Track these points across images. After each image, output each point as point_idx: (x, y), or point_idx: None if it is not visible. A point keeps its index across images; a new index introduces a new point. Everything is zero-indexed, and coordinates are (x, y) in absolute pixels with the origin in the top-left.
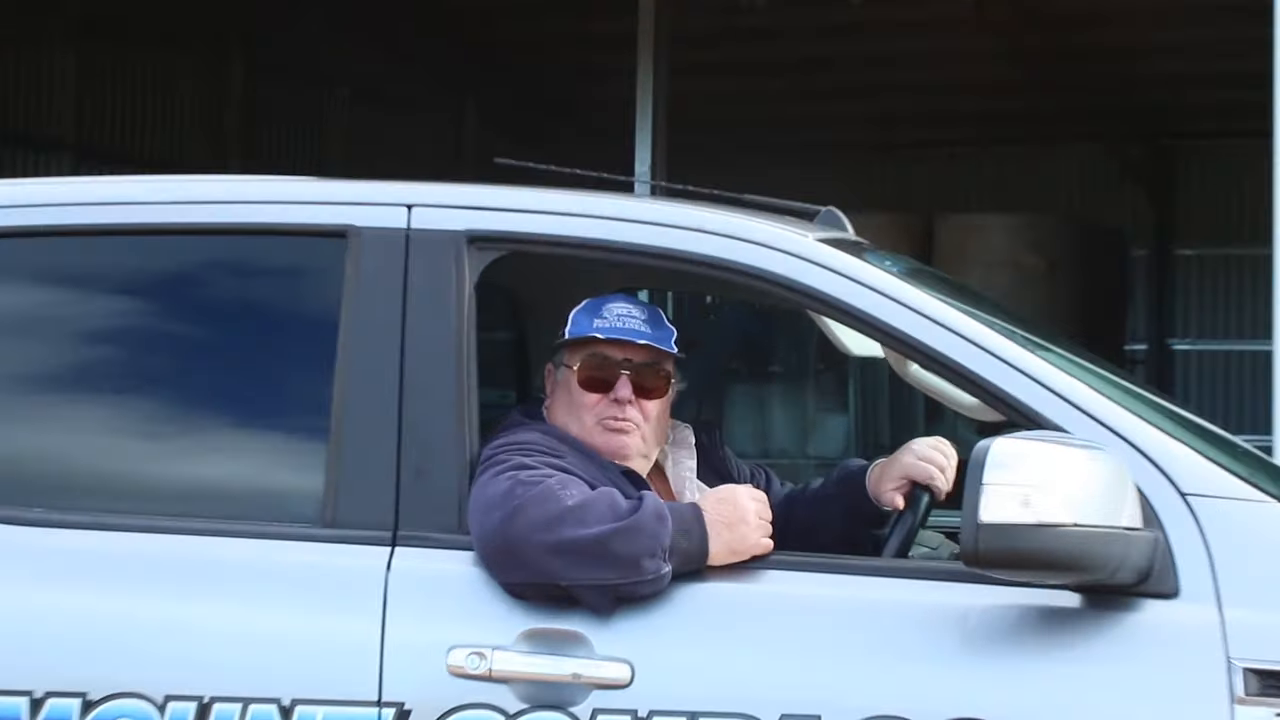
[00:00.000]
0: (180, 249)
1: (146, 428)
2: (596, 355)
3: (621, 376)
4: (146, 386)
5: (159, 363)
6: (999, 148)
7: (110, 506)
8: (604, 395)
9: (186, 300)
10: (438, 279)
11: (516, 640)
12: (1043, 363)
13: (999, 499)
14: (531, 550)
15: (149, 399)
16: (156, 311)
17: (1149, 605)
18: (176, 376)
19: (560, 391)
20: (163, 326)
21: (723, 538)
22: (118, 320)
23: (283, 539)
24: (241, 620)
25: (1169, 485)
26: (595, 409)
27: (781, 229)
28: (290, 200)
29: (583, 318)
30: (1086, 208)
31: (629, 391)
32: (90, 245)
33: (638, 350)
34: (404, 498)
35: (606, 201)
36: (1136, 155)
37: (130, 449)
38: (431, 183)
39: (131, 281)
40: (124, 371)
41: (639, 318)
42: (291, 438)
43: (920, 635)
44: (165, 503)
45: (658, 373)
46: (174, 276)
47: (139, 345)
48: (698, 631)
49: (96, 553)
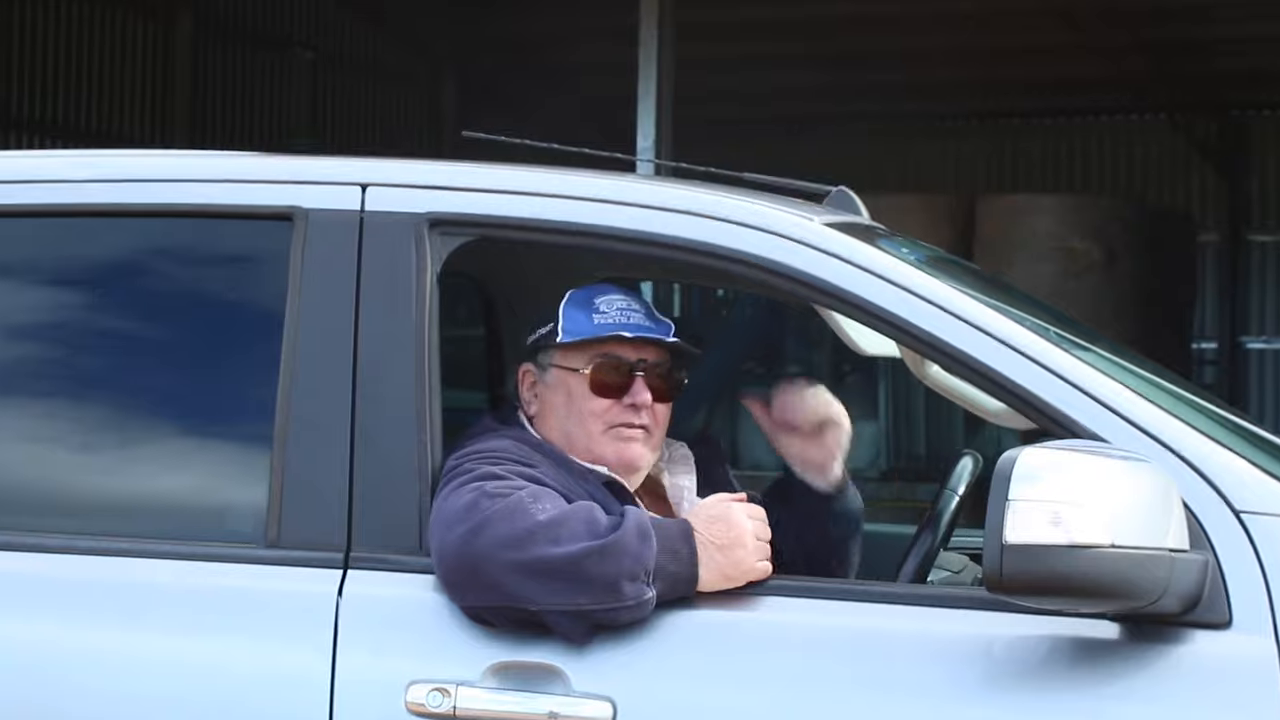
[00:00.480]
0: (105, 233)
1: (67, 435)
2: (609, 356)
3: (637, 379)
4: (68, 389)
5: (83, 362)
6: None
7: (25, 524)
8: (616, 400)
9: (109, 291)
10: (395, 267)
11: (484, 675)
12: (1078, 363)
13: (1026, 517)
14: (497, 570)
15: (70, 403)
16: (76, 304)
17: (1197, 637)
18: (102, 378)
19: (554, 396)
20: (85, 321)
21: (715, 561)
22: (35, 314)
23: (220, 561)
24: (173, 652)
25: (1220, 501)
26: (606, 415)
27: (783, 212)
28: (229, 179)
29: (578, 314)
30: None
31: (648, 395)
32: (3, 228)
33: (652, 349)
34: (357, 514)
35: (584, 181)
36: (1205, 129)
37: (48, 459)
38: (388, 159)
39: (48, 270)
40: (43, 372)
41: (641, 311)
42: (231, 446)
43: (938, 670)
44: (89, 520)
45: (671, 373)
46: (97, 265)
47: (59, 342)
48: (687, 666)
49: (9, 576)
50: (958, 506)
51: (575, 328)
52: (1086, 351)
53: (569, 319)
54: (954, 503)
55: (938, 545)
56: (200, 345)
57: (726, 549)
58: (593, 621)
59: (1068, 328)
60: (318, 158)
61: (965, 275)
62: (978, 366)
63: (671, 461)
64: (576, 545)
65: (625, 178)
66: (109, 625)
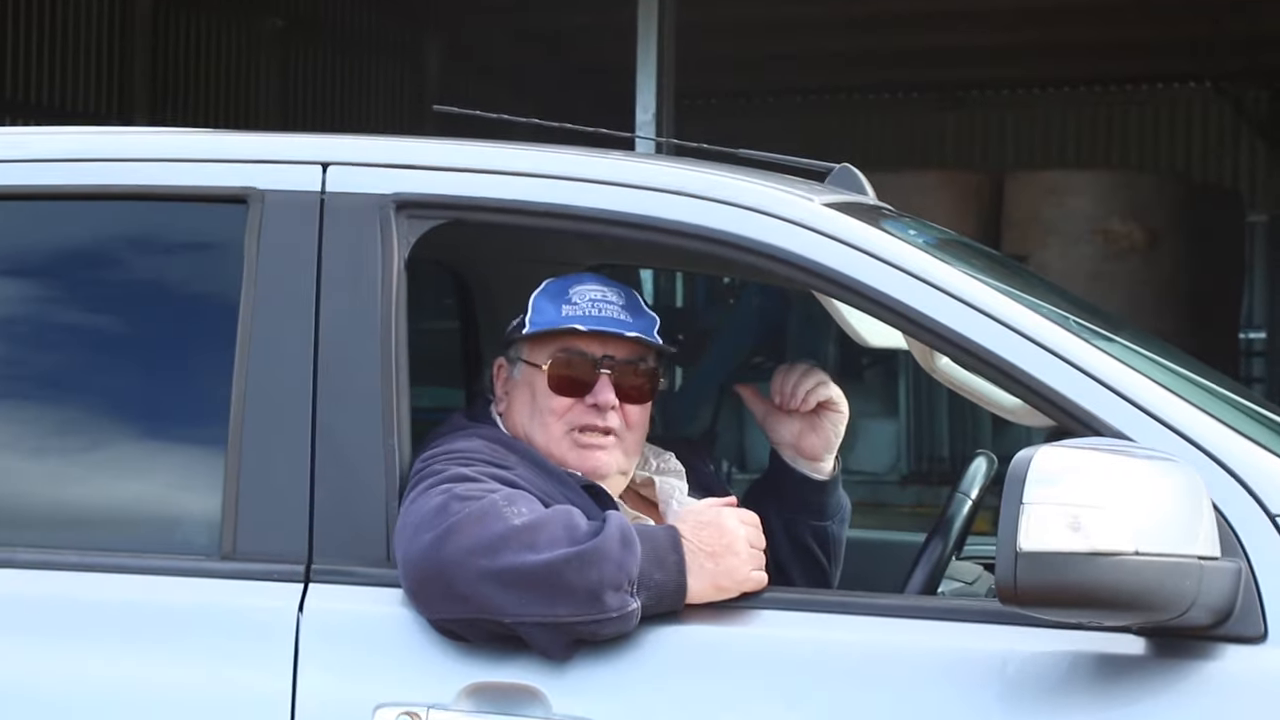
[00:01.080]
0: (42, 218)
1: (5, 439)
2: (570, 350)
3: (601, 377)
4: (4, 387)
5: (19, 359)
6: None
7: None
8: (579, 399)
9: (49, 281)
10: (359, 253)
11: (457, 697)
12: (1101, 354)
13: (1043, 522)
14: (468, 578)
15: (4, 403)
16: (11, 296)
17: (1229, 651)
18: (41, 376)
19: (519, 393)
20: (21, 314)
21: (705, 570)
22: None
23: (171, 574)
24: (120, 674)
25: (1255, 505)
26: (567, 416)
27: (781, 191)
28: (177, 158)
29: (547, 304)
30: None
31: (612, 394)
32: None
33: (620, 344)
34: (319, 523)
35: (565, 159)
36: (1255, 98)
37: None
38: (352, 135)
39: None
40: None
41: (616, 303)
42: (182, 449)
43: (949, 690)
44: (28, 531)
45: (643, 371)
46: (33, 253)
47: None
48: (675, 687)
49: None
50: (971, 511)
51: (540, 319)
52: (1109, 342)
53: (536, 309)
54: (967, 507)
55: (949, 554)
56: (148, 339)
57: (718, 556)
58: (573, 635)
59: (1089, 316)
60: (275, 134)
61: (977, 259)
62: (990, 359)
63: (661, 471)
64: (555, 551)
65: (610, 155)
66: (50, 645)
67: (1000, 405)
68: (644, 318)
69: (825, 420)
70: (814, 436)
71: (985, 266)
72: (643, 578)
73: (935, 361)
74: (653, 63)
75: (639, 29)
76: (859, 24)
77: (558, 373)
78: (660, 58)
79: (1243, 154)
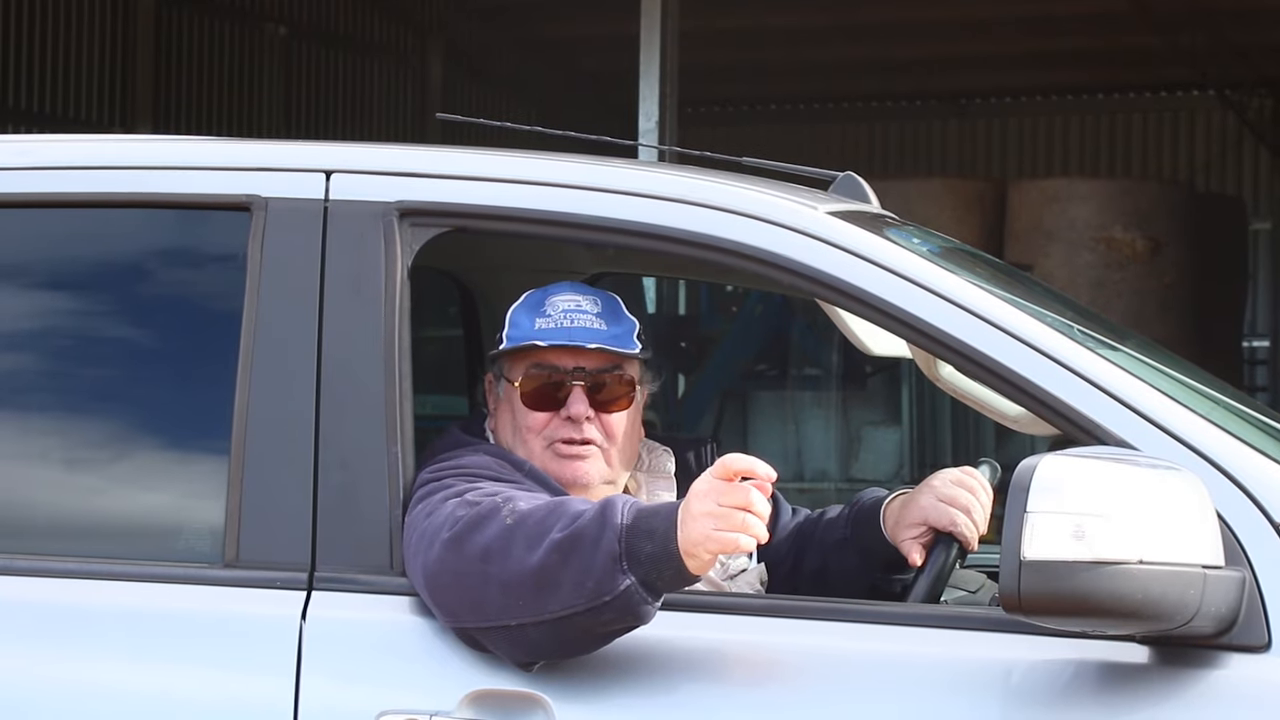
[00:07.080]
0: (45, 226)
1: (5, 446)
2: (541, 365)
3: (574, 389)
4: (5, 397)
5: (22, 367)
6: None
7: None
8: (554, 413)
9: (52, 289)
10: (363, 261)
11: (461, 704)
12: (1104, 363)
13: (1046, 531)
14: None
15: (8, 412)
16: (13, 304)
17: (1233, 660)
18: (45, 385)
19: (503, 409)
20: (24, 322)
21: (696, 520)
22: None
23: (174, 582)
24: (123, 681)
25: (1259, 514)
26: (545, 431)
27: (784, 200)
28: (181, 165)
29: (523, 317)
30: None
31: (584, 406)
32: None
33: (590, 355)
34: (322, 531)
35: (568, 167)
36: (1259, 106)
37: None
38: (355, 143)
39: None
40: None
41: (590, 312)
42: (185, 458)
43: (952, 699)
44: (29, 539)
45: (619, 379)
46: (36, 261)
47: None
48: (683, 694)
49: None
50: None
51: (514, 333)
52: (1113, 350)
53: (512, 324)
54: None
55: (952, 562)
56: (151, 347)
57: (711, 514)
58: (578, 630)
59: (1092, 324)
60: (278, 142)
61: (981, 267)
62: (993, 367)
63: (650, 472)
64: (538, 550)
65: (613, 163)
66: (53, 652)
67: (1004, 413)
68: (621, 324)
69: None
70: (918, 552)
71: (988, 274)
72: (631, 553)
73: (939, 369)
74: (655, 71)
75: (641, 37)
76: (862, 32)
77: (529, 389)
78: (663, 66)
79: (1245, 162)
